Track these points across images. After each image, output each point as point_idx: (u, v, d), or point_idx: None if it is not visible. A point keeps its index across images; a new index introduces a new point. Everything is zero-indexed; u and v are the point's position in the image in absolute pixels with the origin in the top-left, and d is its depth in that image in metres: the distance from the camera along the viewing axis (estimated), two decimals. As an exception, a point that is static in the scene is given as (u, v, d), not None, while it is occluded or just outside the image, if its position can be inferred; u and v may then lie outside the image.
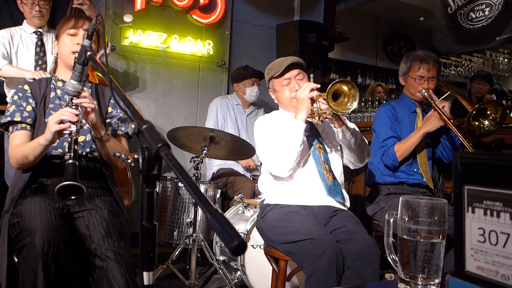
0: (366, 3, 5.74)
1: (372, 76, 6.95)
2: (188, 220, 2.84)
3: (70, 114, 1.55)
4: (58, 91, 1.85)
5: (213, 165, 3.54)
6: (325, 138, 2.05)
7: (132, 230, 1.80)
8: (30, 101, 1.78)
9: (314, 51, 3.91)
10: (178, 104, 4.10)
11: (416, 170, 2.45)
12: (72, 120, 1.55)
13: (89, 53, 1.39)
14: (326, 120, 1.88)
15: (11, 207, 1.64)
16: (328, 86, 1.71)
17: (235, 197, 2.86)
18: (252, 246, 2.51)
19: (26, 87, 1.81)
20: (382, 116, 2.50)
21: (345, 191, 2.04)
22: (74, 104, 1.59)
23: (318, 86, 1.84)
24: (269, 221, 1.92)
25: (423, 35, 6.98)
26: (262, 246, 2.19)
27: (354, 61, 6.81)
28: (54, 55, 2.75)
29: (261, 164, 3.50)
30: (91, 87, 1.93)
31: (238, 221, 2.71)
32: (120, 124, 1.91)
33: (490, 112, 2.36)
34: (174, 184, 2.92)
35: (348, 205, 2.03)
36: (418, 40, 7.24)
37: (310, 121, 1.92)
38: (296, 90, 1.95)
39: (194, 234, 2.65)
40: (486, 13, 3.38)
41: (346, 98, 1.75)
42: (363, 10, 6.46)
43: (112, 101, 1.93)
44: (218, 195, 3.06)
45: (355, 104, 1.73)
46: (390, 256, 0.93)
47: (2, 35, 2.84)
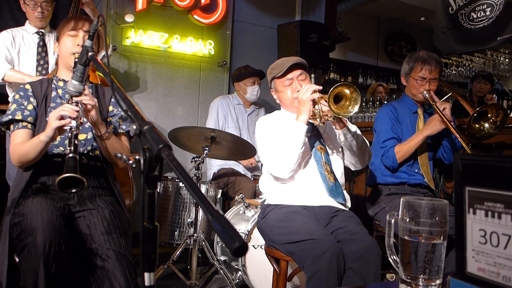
0: (367, 3, 5.73)
1: (373, 76, 6.94)
2: (189, 220, 2.84)
3: (70, 110, 1.56)
4: (59, 91, 1.86)
5: (213, 165, 3.54)
6: (326, 139, 2.05)
7: (133, 230, 1.80)
8: (31, 100, 1.79)
9: (315, 51, 3.91)
10: (179, 104, 4.11)
11: (417, 170, 2.45)
12: (72, 115, 1.55)
13: (90, 53, 1.39)
14: (328, 121, 1.88)
15: (13, 207, 1.64)
16: (329, 89, 1.71)
17: (236, 197, 2.86)
18: (253, 246, 2.51)
19: (28, 86, 1.82)
20: (383, 116, 2.50)
21: (346, 192, 2.04)
22: (74, 101, 1.59)
23: (320, 88, 1.84)
24: (270, 221, 1.92)
25: (424, 35, 6.97)
26: (263, 246, 2.19)
27: (355, 61, 6.80)
28: (55, 56, 2.76)
29: (261, 165, 3.50)
30: (92, 87, 1.94)
31: (239, 221, 2.71)
32: (121, 122, 1.92)
33: (491, 115, 2.37)
34: (175, 184, 2.92)
35: (349, 205, 2.04)
36: (419, 40, 7.23)
37: (311, 122, 1.92)
38: (298, 91, 1.95)
39: (195, 234, 2.65)
40: (487, 13, 3.37)
41: (348, 101, 1.75)
42: (364, 10, 6.45)
43: (113, 99, 1.94)
44: (219, 195, 3.06)
45: (357, 107, 1.72)
46: (391, 256, 0.93)
47: (4, 37, 2.84)
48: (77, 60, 1.49)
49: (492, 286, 0.67)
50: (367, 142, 2.02)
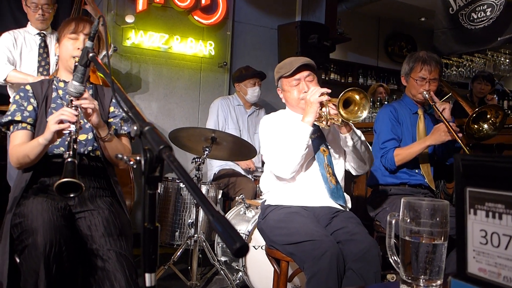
0: (367, 4, 5.73)
1: (373, 76, 6.94)
2: (189, 221, 2.84)
3: (70, 114, 1.56)
4: (60, 91, 1.86)
5: (214, 165, 3.54)
6: (330, 142, 2.05)
7: (134, 230, 1.80)
8: (32, 101, 1.79)
9: (316, 52, 3.91)
10: (180, 104, 4.11)
11: (417, 171, 2.44)
12: (71, 120, 1.55)
13: (91, 54, 1.39)
14: (334, 125, 1.88)
15: (13, 208, 1.64)
16: (340, 94, 1.71)
17: (237, 197, 2.86)
18: (253, 247, 2.51)
19: (28, 87, 1.82)
20: (383, 117, 2.50)
21: (346, 194, 2.04)
22: (74, 105, 1.59)
23: (329, 91, 1.83)
24: (270, 222, 1.92)
25: (425, 36, 6.97)
26: (263, 247, 2.19)
27: (355, 61, 6.80)
28: (56, 58, 2.76)
29: (262, 165, 3.51)
30: (92, 88, 1.94)
31: (240, 222, 2.71)
32: (122, 123, 1.92)
33: (490, 116, 2.36)
34: (176, 185, 2.92)
35: (349, 206, 2.04)
36: (419, 40, 7.23)
37: (316, 124, 1.92)
38: (305, 92, 1.94)
39: (196, 235, 2.65)
40: (488, 13, 3.37)
41: (357, 106, 1.74)
42: (365, 11, 6.45)
43: (114, 100, 1.94)
44: (220, 196, 3.06)
45: (365, 113, 1.72)
46: (392, 257, 0.93)
47: (6, 38, 2.84)
48: (77, 64, 1.49)
49: (493, 286, 0.67)
50: (370, 148, 2.02)
